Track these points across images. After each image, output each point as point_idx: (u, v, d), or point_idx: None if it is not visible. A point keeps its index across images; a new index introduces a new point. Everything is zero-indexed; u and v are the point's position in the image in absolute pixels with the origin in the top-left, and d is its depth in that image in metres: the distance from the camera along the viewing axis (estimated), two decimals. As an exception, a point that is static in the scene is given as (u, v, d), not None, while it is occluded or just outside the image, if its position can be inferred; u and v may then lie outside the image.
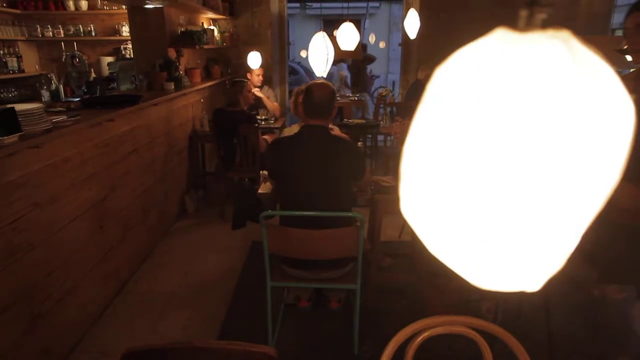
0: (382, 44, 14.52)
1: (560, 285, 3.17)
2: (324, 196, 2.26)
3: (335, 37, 4.11)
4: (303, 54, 11.73)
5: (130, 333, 2.67)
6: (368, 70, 14.27)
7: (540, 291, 1.50)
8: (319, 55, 2.78)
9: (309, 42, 2.93)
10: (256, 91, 5.18)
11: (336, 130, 2.99)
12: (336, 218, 2.22)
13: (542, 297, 2.38)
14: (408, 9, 6.73)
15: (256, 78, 5.40)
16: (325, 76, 2.99)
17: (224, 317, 2.80)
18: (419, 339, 1.17)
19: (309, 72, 13.34)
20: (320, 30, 2.84)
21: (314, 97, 2.31)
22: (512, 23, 0.37)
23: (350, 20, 4.20)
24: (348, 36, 4.12)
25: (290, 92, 6.75)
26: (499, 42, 0.33)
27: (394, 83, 13.44)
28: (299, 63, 13.00)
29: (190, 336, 2.66)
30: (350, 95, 6.74)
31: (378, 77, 13.48)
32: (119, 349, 1.05)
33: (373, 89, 13.67)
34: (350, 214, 2.09)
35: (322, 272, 2.36)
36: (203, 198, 4.76)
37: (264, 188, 2.72)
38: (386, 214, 2.85)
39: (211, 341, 1.04)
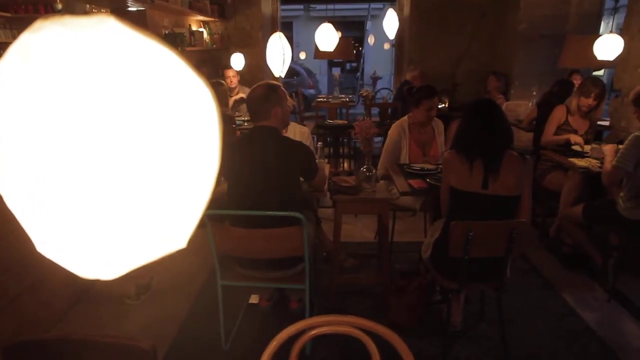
0: (386, 46, 14.51)
1: (530, 287, 3.14)
2: (271, 196, 2.26)
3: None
4: (302, 55, 11.79)
5: (94, 331, 2.69)
6: (372, 72, 14.27)
7: (495, 292, 1.48)
8: (275, 56, 2.78)
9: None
10: (241, 95, 5.20)
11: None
12: (283, 218, 2.21)
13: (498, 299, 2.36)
14: (402, 9, 6.73)
15: (228, 80, 5.35)
16: (283, 76, 2.99)
17: (184, 316, 2.82)
18: (305, 337, 1.17)
19: (311, 74, 13.39)
20: (276, 31, 2.84)
21: (248, 101, 2.34)
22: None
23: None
24: (327, 37, 4.13)
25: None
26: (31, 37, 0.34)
27: (396, 84, 13.40)
28: (300, 65, 13.03)
29: (148, 335, 2.68)
30: (343, 96, 6.73)
31: (380, 78, 13.46)
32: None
33: (376, 89, 13.66)
34: (290, 214, 2.09)
35: (271, 272, 2.36)
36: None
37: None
38: (345, 213, 2.85)
39: (89, 334, 1.05)
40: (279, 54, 2.76)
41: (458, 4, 6.17)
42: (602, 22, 6.27)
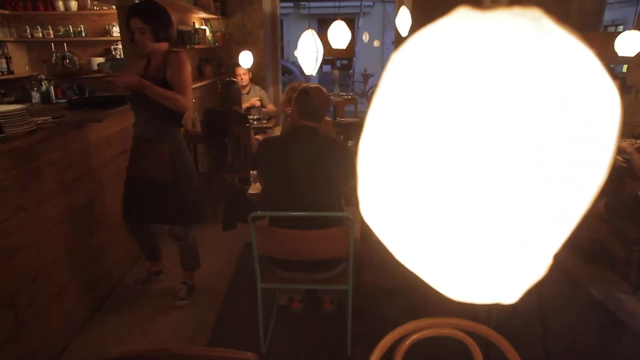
0: (376, 43, 14.54)
1: (555, 282, 3.16)
2: (313, 196, 2.23)
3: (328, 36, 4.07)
4: (296, 53, 11.74)
5: (119, 337, 2.62)
6: (362, 69, 14.28)
7: (534, 289, 1.47)
8: (308, 54, 2.74)
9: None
10: (255, 101, 5.15)
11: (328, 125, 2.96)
12: (326, 218, 2.18)
13: (536, 295, 2.36)
14: (400, 6, 6.71)
15: (239, 78, 5.30)
16: (314, 74, 2.96)
17: (214, 320, 2.76)
18: (407, 342, 1.14)
19: (303, 72, 13.33)
20: (309, 28, 2.80)
21: (311, 101, 2.28)
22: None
23: (344, 19, 4.18)
24: (340, 35, 4.09)
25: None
26: (459, 22, 0.30)
27: (388, 82, 13.42)
28: (292, 62, 12.98)
29: (179, 340, 2.62)
30: (343, 94, 6.71)
31: (372, 75, 13.49)
32: (108, 353, 1.02)
33: (368, 87, 13.69)
34: (340, 214, 2.05)
35: (313, 274, 2.33)
36: (195, 199, 4.71)
37: (254, 189, 2.69)
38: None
39: (188, 347, 1.00)
40: (312, 52, 2.71)
41: (459, 1, 6.18)
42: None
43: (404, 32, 4.62)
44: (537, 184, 0.30)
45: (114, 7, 4.72)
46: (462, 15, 0.31)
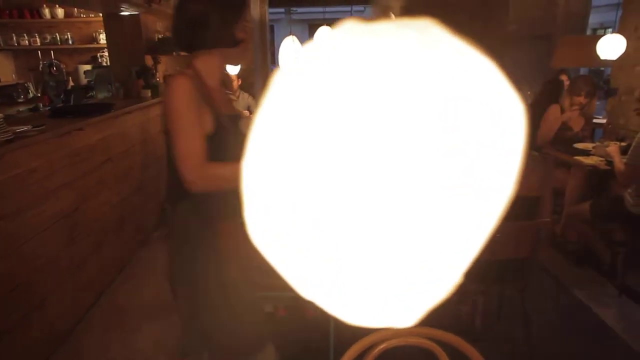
0: (367, 48, 14.55)
1: (540, 284, 3.16)
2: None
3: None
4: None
5: (102, 348, 2.60)
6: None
7: (519, 293, 1.47)
8: (289, 59, 2.74)
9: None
10: (244, 112, 5.15)
11: None
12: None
13: (521, 298, 2.36)
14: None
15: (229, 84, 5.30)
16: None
17: (199, 327, 2.74)
18: (375, 351, 1.13)
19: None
20: (290, 34, 2.80)
21: None
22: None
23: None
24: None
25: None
26: (342, 34, 0.30)
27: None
28: (284, 68, 12.98)
29: (164, 349, 2.59)
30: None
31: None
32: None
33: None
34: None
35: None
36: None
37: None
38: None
39: None
40: (292, 57, 2.72)
41: (446, 5, 6.21)
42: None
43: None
44: (457, 192, 0.30)
45: (100, 14, 4.73)
46: (348, 28, 0.30)
